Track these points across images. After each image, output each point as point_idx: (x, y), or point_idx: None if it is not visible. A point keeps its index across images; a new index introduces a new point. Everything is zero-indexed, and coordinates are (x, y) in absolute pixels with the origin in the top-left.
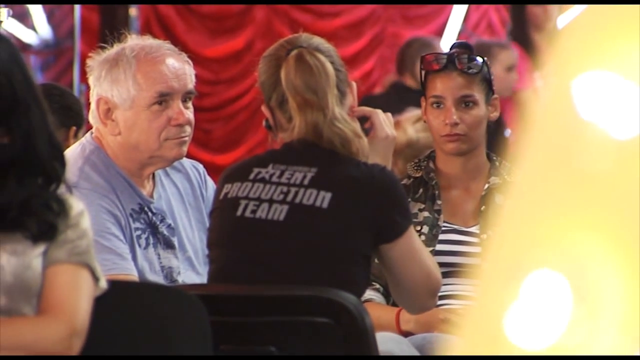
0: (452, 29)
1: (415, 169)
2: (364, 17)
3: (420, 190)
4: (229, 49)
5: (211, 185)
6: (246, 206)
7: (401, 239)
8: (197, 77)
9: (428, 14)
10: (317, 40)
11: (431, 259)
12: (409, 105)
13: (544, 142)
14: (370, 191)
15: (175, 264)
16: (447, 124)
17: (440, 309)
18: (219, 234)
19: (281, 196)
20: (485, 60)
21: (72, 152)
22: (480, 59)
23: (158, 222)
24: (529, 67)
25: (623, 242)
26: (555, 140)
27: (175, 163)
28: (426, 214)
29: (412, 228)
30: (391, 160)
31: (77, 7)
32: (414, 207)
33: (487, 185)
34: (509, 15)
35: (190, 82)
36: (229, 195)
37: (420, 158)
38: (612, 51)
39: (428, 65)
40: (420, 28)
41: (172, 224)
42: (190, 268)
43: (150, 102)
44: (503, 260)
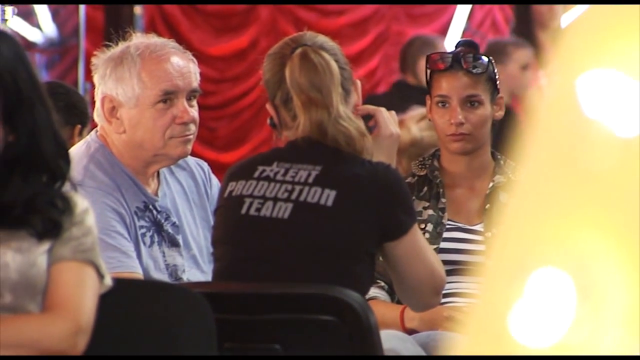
0: (456, 27)
1: (419, 167)
2: (369, 16)
3: (425, 188)
4: (234, 47)
5: (216, 183)
6: (251, 204)
7: (406, 236)
8: (201, 75)
9: (432, 13)
10: (322, 39)
11: (435, 257)
12: (413, 104)
13: (548, 140)
14: (375, 189)
15: (179, 262)
16: (452, 123)
17: (445, 307)
18: (223, 231)
19: (286, 194)
20: (491, 59)
21: (77, 151)
22: (485, 58)
23: (163, 220)
24: (534, 66)
25: (628, 240)
26: (559, 138)
27: (180, 161)
28: (430, 212)
29: (416, 226)
30: (395, 158)
31: (82, 6)
32: (418, 205)
33: (491, 184)
34: (513, 14)
35: (195, 81)
36: (234, 194)
37: (424, 156)
38: (617, 49)
39: (433, 64)
40: (425, 26)
41: (177, 222)
42: (195, 266)
43: (155, 100)
44: (507, 258)
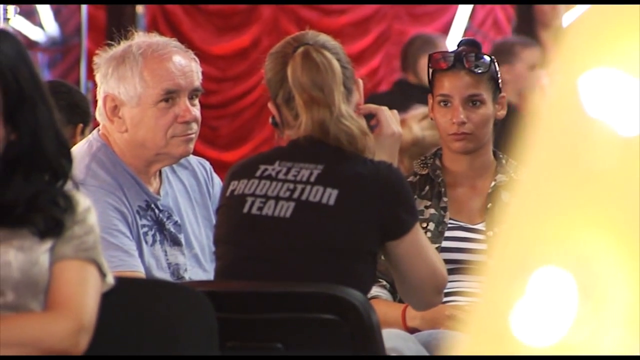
0: (458, 26)
1: (421, 166)
2: (370, 15)
3: (427, 187)
4: (236, 47)
5: (218, 182)
6: (253, 203)
7: (407, 236)
8: (203, 74)
9: (434, 12)
10: (324, 38)
11: (437, 256)
12: (414, 102)
13: (550, 139)
14: (377, 188)
15: (181, 260)
16: (454, 122)
17: (446, 306)
18: (225, 230)
19: (287, 193)
20: (493, 59)
21: (79, 150)
22: (487, 57)
23: (165, 219)
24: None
25: (629, 239)
26: (561, 137)
27: (182, 160)
28: (432, 211)
29: (418, 225)
30: (397, 157)
31: (84, 5)
32: (420, 204)
33: (493, 183)
34: (515, 13)
35: (197, 80)
36: (236, 193)
37: (426, 155)
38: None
39: (436, 63)
40: (427, 25)
41: (179, 221)
42: (197, 265)
43: (157, 99)
44: (509, 257)
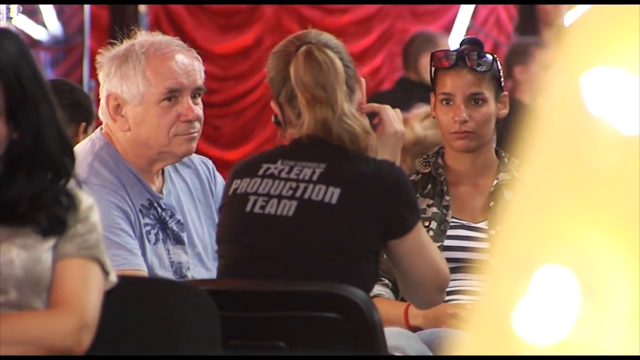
0: (460, 25)
1: (423, 164)
2: (373, 14)
3: (429, 186)
4: (238, 45)
5: (220, 181)
6: (255, 202)
7: (409, 234)
8: (206, 73)
9: (436, 10)
10: (326, 37)
11: (439, 255)
12: (416, 100)
13: (552, 138)
14: (379, 187)
15: (184, 259)
16: (456, 121)
17: (449, 304)
18: (228, 229)
19: (290, 192)
20: (495, 57)
21: (82, 148)
22: (489, 56)
23: (167, 218)
24: None
25: (632, 238)
26: (563, 136)
27: (185, 159)
28: (434, 209)
29: (420, 224)
30: (400, 156)
31: (87, 4)
32: (422, 202)
33: (495, 182)
34: (517, 12)
35: (200, 78)
36: (238, 191)
37: (428, 154)
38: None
39: (438, 62)
40: (429, 24)
41: (182, 220)
42: (200, 263)
43: (160, 98)
44: (511, 255)
